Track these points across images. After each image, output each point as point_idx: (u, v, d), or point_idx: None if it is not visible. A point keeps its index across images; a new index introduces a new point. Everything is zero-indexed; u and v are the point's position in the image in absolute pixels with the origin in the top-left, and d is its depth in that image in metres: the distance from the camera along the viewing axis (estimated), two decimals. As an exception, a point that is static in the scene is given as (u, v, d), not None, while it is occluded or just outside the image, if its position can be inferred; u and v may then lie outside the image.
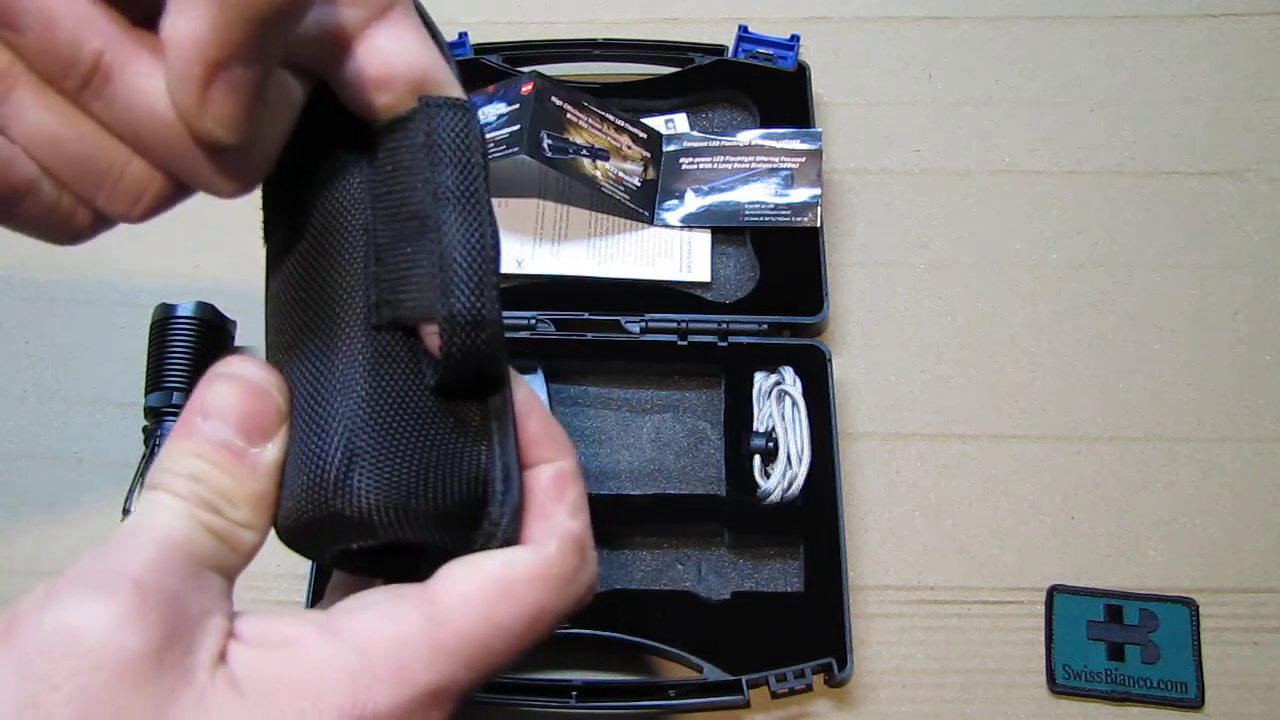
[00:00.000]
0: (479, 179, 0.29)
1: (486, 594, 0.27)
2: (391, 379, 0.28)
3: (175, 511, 0.27)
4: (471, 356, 0.28)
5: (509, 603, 0.27)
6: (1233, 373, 0.62)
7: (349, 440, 0.27)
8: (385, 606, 0.27)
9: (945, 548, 0.58)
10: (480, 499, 0.28)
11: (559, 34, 0.72)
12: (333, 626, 0.26)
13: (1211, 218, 0.67)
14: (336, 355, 0.28)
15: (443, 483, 0.28)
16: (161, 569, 0.26)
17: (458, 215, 0.28)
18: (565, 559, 0.29)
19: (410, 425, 0.28)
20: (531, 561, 0.28)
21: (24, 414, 0.63)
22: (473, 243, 0.28)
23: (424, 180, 0.28)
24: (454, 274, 0.27)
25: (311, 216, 0.30)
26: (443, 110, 0.29)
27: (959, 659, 0.55)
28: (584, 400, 0.62)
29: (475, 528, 0.28)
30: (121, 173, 0.26)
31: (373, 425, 0.27)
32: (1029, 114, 0.71)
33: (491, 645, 0.27)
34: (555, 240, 0.65)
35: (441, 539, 0.28)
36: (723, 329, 0.62)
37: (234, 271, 0.65)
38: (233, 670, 0.25)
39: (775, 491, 0.57)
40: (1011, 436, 0.61)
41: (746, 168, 0.67)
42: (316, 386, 0.28)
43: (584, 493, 0.31)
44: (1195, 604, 0.56)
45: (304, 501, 0.27)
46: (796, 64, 0.70)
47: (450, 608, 0.27)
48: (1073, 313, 0.65)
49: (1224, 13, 0.74)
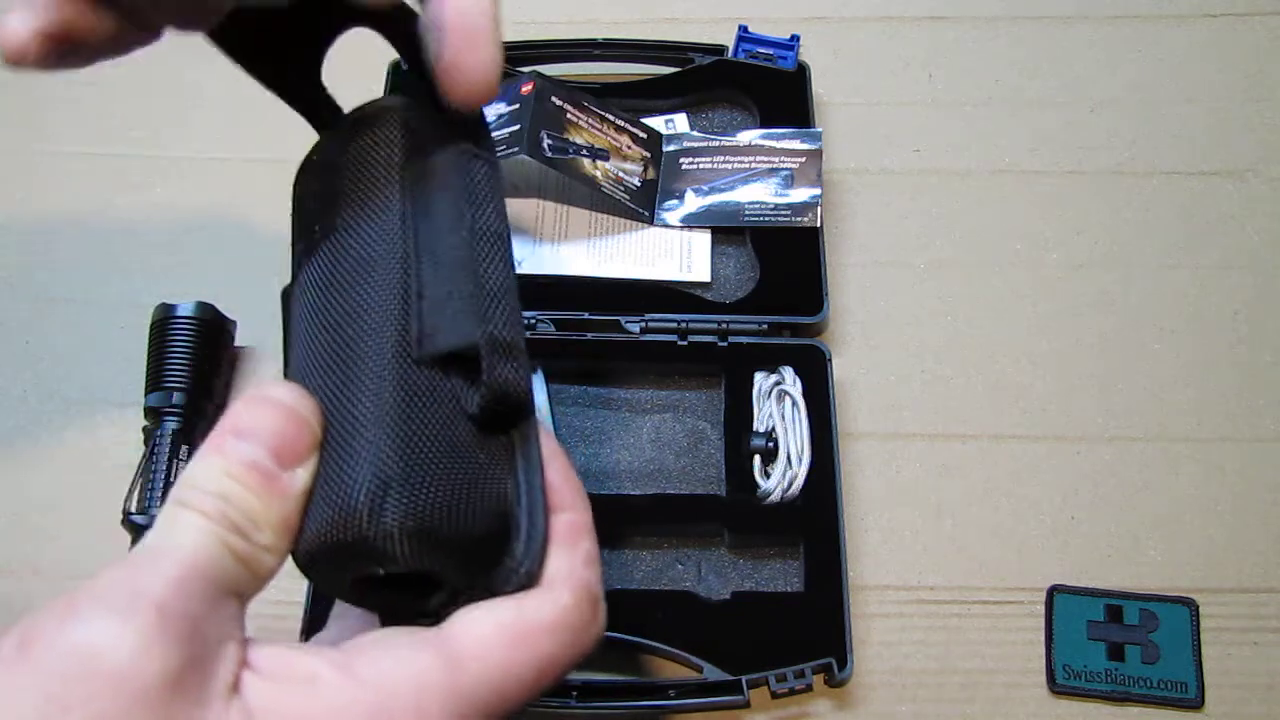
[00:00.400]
0: (505, 217, 0.32)
1: (503, 642, 0.27)
2: (423, 411, 0.28)
3: (202, 532, 0.27)
4: (506, 380, 0.29)
5: (525, 651, 0.28)
6: (1233, 373, 0.63)
7: (380, 468, 0.27)
8: (403, 650, 0.27)
9: (945, 548, 0.58)
10: (504, 534, 0.29)
11: (559, 34, 0.72)
12: (351, 667, 0.26)
13: (1211, 218, 0.67)
14: (366, 384, 0.29)
15: (471, 515, 0.28)
16: (184, 592, 0.25)
17: (494, 252, 0.30)
18: (580, 610, 0.29)
19: (441, 457, 0.28)
20: (548, 611, 0.28)
21: (24, 414, 0.63)
22: (508, 276, 0.30)
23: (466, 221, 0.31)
24: (495, 305, 0.29)
25: (347, 241, 0.31)
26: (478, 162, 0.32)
27: (959, 659, 0.55)
28: (584, 400, 0.62)
29: (497, 563, 0.29)
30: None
31: (404, 455, 0.28)
32: (1029, 114, 0.71)
33: (505, 691, 0.27)
34: (555, 240, 0.65)
35: (463, 571, 0.28)
36: (723, 329, 0.62)
37: (234, 271, 0.65)
38: (247, 702, 0.25)
39: (775, 491, 0.57)
40: (1011, 436, 0.61)
41: (746, 168, 0.67)
42: (345, 414, 0.29)
43: (597, 546, 0.31)
44: (1195, 604, 0.56)
45: (331, 526, 0.27)
46: (796, 64, 0.70)
47: (468, 653, 0.27)
48: (1073, 313, 0.65)
49: (1224, 13, 0.74)
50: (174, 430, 0.58)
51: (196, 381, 0.59)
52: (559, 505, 0.31)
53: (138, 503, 0.57)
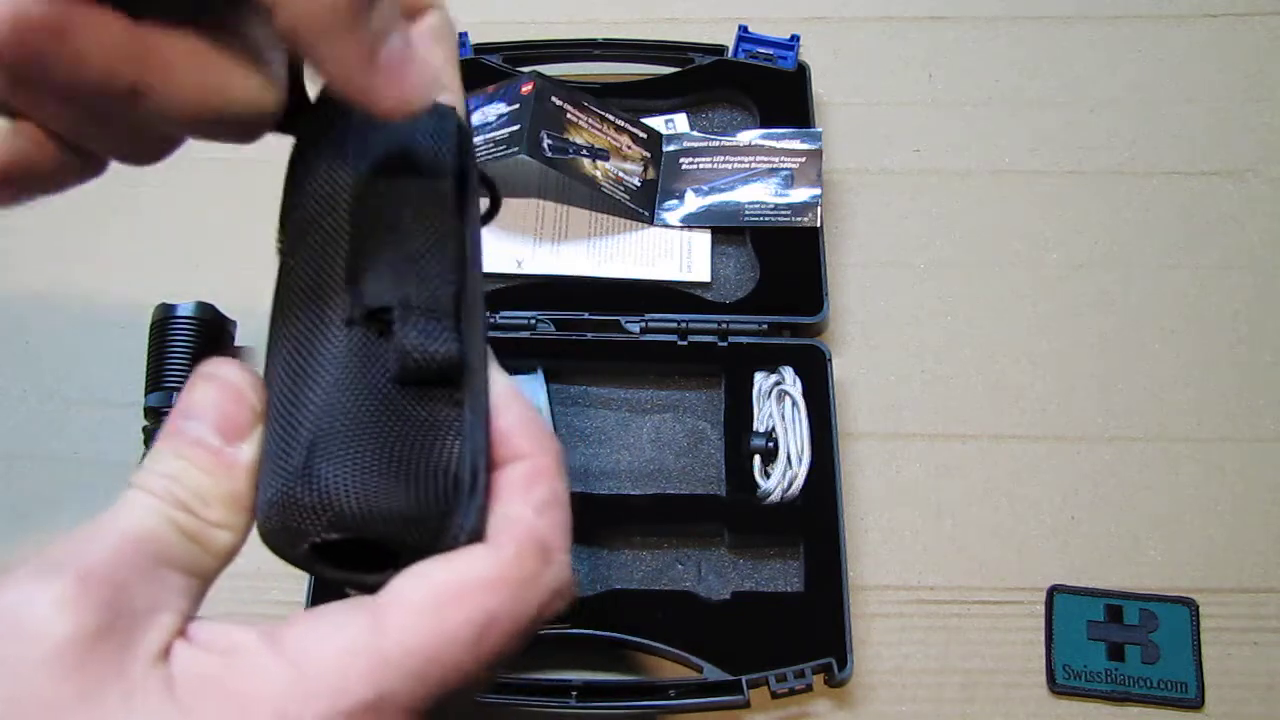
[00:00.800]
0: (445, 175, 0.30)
1: (433, 602, 0.26)
2: (361, 372, 0.28)
3: (145, 508, 0.27)
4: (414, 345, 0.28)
5: (457, 610, 0.26)
6: (1233, 373, 0.62)
7: (315, 429, 0.27)
8: (332, 616, 0.26)
9: (945, 548, 0.58)
10: (449, 497, 0.27)
11: (559, 34, 0.72)
12: (277, 636, 0.26)
13: (1211, 218, 0.67)
14: (314, 352, 0.29)
15: (410, 476, 0.27)
16: (114, 561, 0.26)
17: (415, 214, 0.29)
18: (523, 562, 0.27)
19: (377, 416, 0.28)
20: (484, 565, 0.27)
21: (24, 414, 0.63)
22: (432, 240, 0.29)
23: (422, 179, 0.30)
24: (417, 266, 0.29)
25: (302, 219, 0.31)
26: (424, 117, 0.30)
27: (959, 659, 0.55)
28: (584, 400, 0.62)
29: (443, 529, 0.27)
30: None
31: (339, 415, 0.27)
32: (1029, 114, 0.71)
33: (440, 656, 0.26)
34: (555, 240, 0.65)
35: (410, 537, 0.27)
36: (723, 329, 0.62)
37: (234, 271, 0.65)
38: (171, 670, 0.25)
39: (775, 491, 0.57)
40: (1011, 436, 0.61)
41: (746, 168, 0.67)
42: (294, 383, 0.29)
43: (560, 491, 0.29)
44: (1195, 604, 0.56)
45: (270, 492, 0.27)
46: (796, 64, 0.70)
47: (395, 617, 0.26)
48: (1073, 313, 0.65)
49: (1224, 13, 0.74)
50: (174, 430, 0.58)
51: (196, 381, 0.59)
52: (515, 453, 0.29)
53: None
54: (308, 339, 0.29)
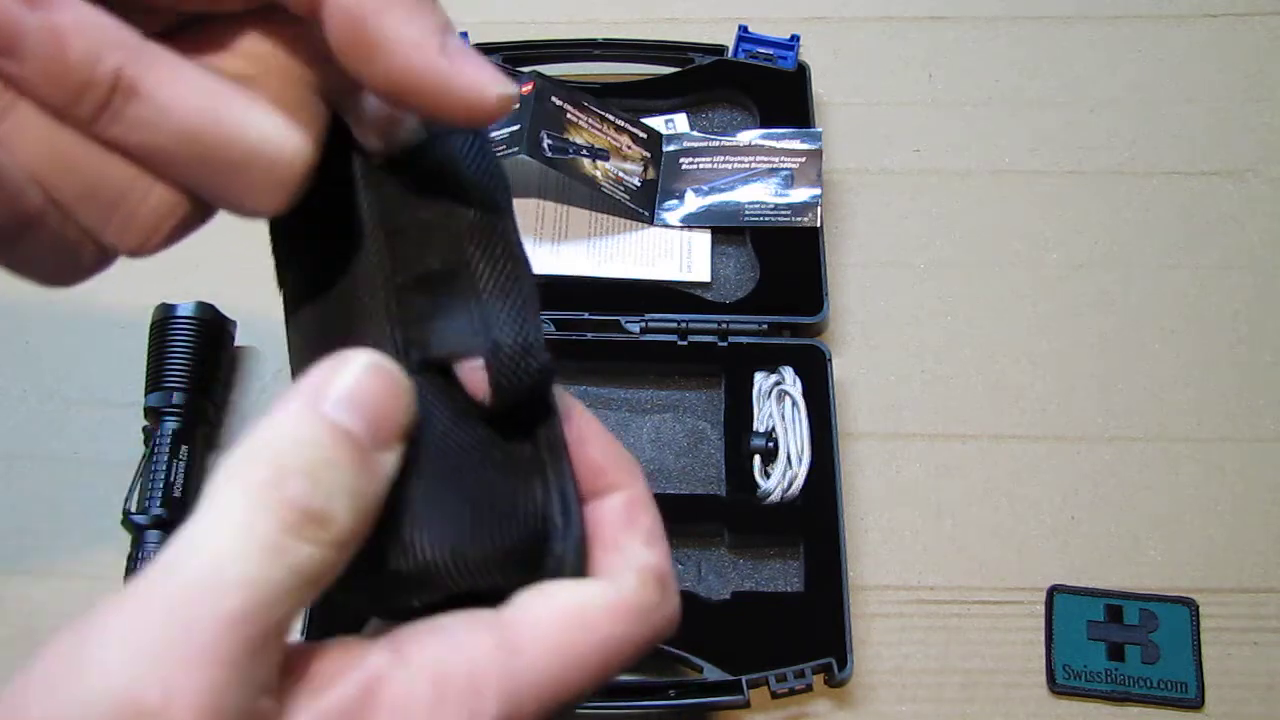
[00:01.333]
0: (502, 203, 0.28)
1: (562, 624, 0.26)
2: (429, 424, 0.26)
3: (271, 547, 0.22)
4: (523, 388, 0.26)
5: (585, 634, 0.26)
6: (1233, 373, 0.63)
7: (395, 493, 0.25)
8: (457, 633, 0.25)
9: (945, 548, 0.58)
10: (541, 535, 0.27)
11: (559, 34, 0.72)
12: (404, 652, 0.24)
13: (1211, 218, 0.67)
14: None
15: (499, 523, 0.26)
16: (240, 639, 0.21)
17: (485, 245, 0.27)
18: (644, 592, 0.27)
19: (457, 469, 0.26)
20: (609, 593, 0.26)
21: (24, 414, 0.63)
22: (506, 271, 0.27)
23: (444, 211, 0.27)
24: (493, 307, 0.26)
25: (328, 263, 0.28)
26: (455, 136, 0.27)
27: (959, 659, 0.55)
28: (584, 400, 0.62)
29: (539, 567, 0.27)
30: (141, 200, 0.24)
31: (418, 474, 0.26)
32: (1029, 114, 0.71)
33: (564, 677, 0.25)
34: (555, 240, 0.65)
35: (505, 582, 0.26)
36: (723, 329, 0.62)
37: (234, 271, 0.65)
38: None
39: (775, 491, 0.57)
40: (1011, 436, 0.61)
41: (746, 168, 0.67)
42: None
43: (658, 519, 0.29)
44: (1195, 604, 0.56)
45: (358, 561, 0.25)
46: (796, 64, 0.70)
47: (524, 636, 0.25)
48: (1073, 313, 0.65)
49: (1224, 13, 0.74)
50: (174, 430, 0.58)
51: (196, 382, 0.59)
52: (609, 484, 0.29)
53: (138, 503, 0.57)
54: None
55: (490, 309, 0.26)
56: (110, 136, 0.23)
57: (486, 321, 0.26)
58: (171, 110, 0.22)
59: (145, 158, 0.23)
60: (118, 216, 0.24)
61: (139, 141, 0.23)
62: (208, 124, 0.23)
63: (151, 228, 0.24)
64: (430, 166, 0.27)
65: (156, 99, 0.22)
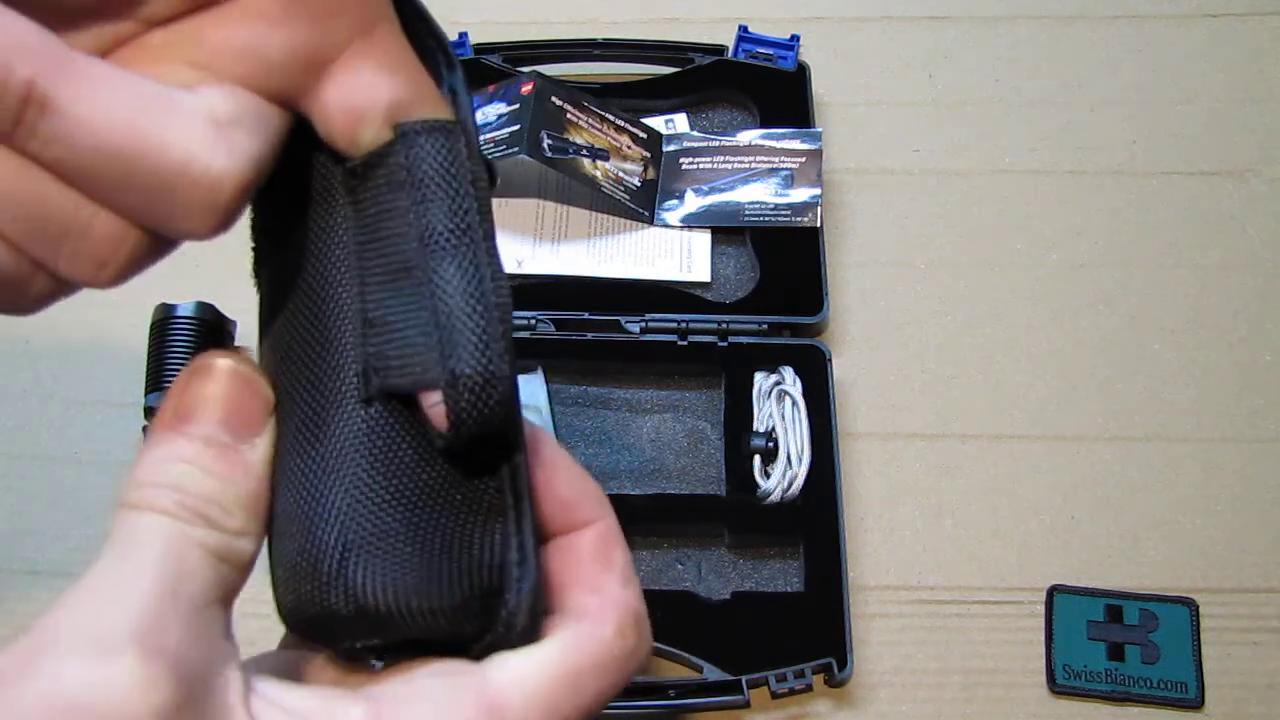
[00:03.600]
0: (471, 212, 0.25)
1: (550, 687, 0.25)
2: (389, 458, 0.25)
3: (164, 535, 0.23)
4: (483, 422, 0.24)
5: (571, 694, 0.25)
6: (1233, 373, 0.62)
7: (344, 529, 0.25)
8: (440, 699, 0.25)
9: (945, 548, 0.58)
10: (495, 588, 0.26)
11: (559, 34, 0.71)
12: (383, 714, 0.24)
13: (1211, 218, 0.67)
14: (329, 431, 0.26)
15: (454, 570, 0.25)
16: (161, 618, 0.22)
17: (451, 258, 0.24)
18: (623, 639, 0.27)
19: (413, 509, 0.25)
20: (592, 648, 0.26)
21: (24, 414, 0.63)
22: (471, 290, 0.24)
23: (409, 224, 0.25)
24: (455, 330, 0.24)
25: (295, 272, 0.27)
26: (421, 137, 0.25)
27: (959, 659, 0.55)
28: (584, 400, 0.62)
29: (491, 618, 0.26)
30: (85, 229, 0.22)
31: (371, 512, 0.25)
32: (1029, 114, 0.71)
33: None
34: (555, 240, 0.65)
35: (456, 631, 0.25)
36: (723, 329, 0.62)
37: (234, 271, 0.65)
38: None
39: (775, 491, 0.57)
40: (1011, 436, 0.61)
41: (746, 168, 0.67)
42: (310, 466, 0.26)
43: (628, 552, 0.29)
44: (1195, 604, 0.56)
45: (305, 595, 0.25)
46: (796, 64, 0.70)
47: (510, 701, 0.25)
48: (1073, 313, 0.65)
49: (1224, 13, 0.74)
50: (174, 430, 0.58)
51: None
52: (579, 518, 0.28)
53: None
54: (318, 423, 0.26)
55: (452, 330, 0.24)
56: (31, 154, 0.21)
57: (446, 346, 0.24)
58: (89, 126, 0.21)
59: (70, 179, 0.22)
60: (66, 247, 0.22)
61: (56, 158, 0.21)
62: (127, 141, 0.21)
63: (102, 259, 0.23)
64: (397, 170, 0.25)
65: (73, 113, 0.21)
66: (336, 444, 0.25)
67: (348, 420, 0.25)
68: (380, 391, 0.25)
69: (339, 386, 0.26)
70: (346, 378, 0.26)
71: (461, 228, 0.25)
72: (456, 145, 0.25)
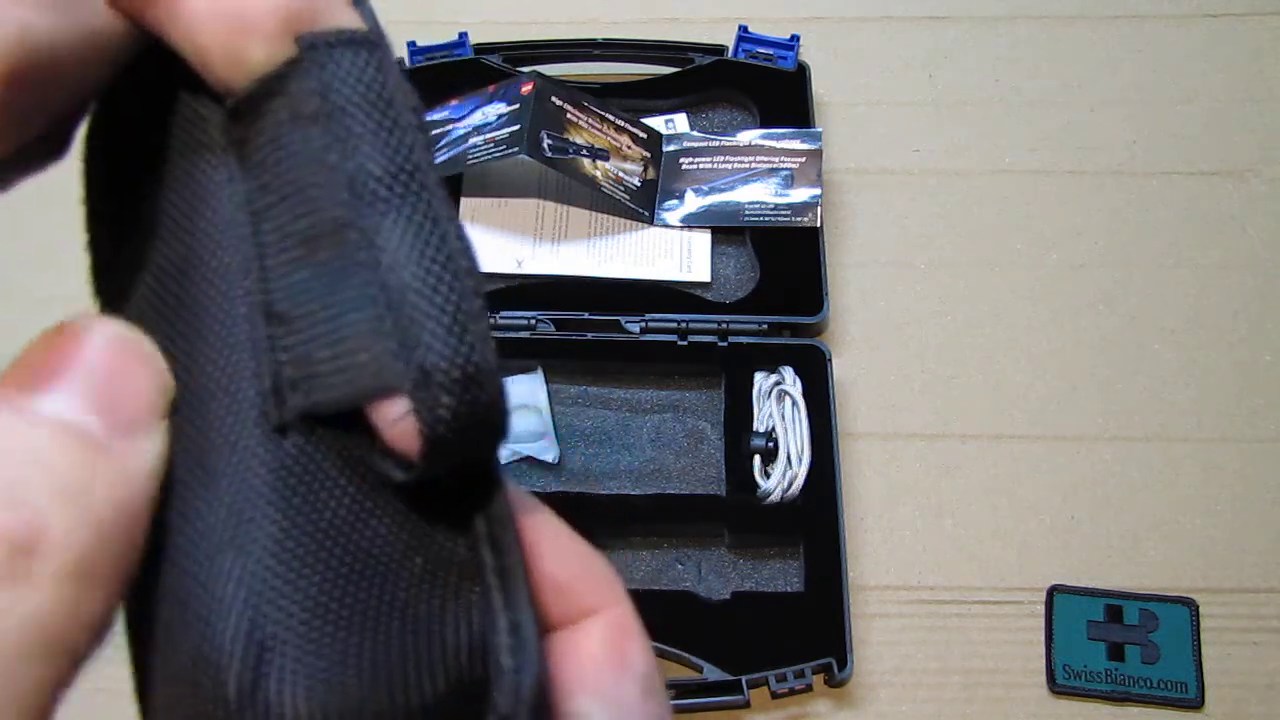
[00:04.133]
0: (418, 148, 0.18)
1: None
2: (314, 509, 0.18)
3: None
4: (472, 435, 0.17)
5: None
6: (1233, 373, 0.63)
7: (256, 618, 0.17)
8: None
9: (945, 548, 0.58)
10: (476, 685, 0.18)
11: (559, 34, 0.72)
12: None
13: (1211, 218, 0.67)
14: (219, 476, 0.18)
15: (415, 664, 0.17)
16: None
17: (397, 213, 0.17)
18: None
19: (352, 580, 0.17)
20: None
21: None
22: (431, 253, 0.17)
23: (327, 171, 0.17)
24: (414, 308, 0.17)
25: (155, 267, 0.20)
26: (336, 51, 0.18)
27: (959, 659, 0.55)
28: (584, 400, 0.62)
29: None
30: None
31: (293, 589, 0.17)
32: (1029, 114, 0.71)
33: None
34: (555, 240, 0.65)
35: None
36: (723, 329, 0.62)
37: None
38: None
39: (775, 491, 0.57)
40: (1011, 436, 0.61)
41: (746, 168, 0.67)
42: (196, 527, 0.17)
43: (650, 649, 0.21)
44: (1195, 604, 0.56)
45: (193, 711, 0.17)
46: (796, 64, 0.70)
47: None
48: (1073, 313, 0.65)
49: (1224, 13, 0.74)
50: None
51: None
52: (583, 605, 0.20)
53: None
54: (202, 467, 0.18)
55: (410, 309, 0.17)
56: None
57: (404, 334, 0.17)
58: None
59: None
60: None
61: None
62: None
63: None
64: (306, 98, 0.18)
65: None
66: (232, 494, 0.18)
67: (248, 459, 0.18)
68: (301, 414, 0.18)
69: (231, 413, 0.18)
70: (241, 399, 0.18)
71: (406, 169, 0.18)
72: (386, 62, 0.18)
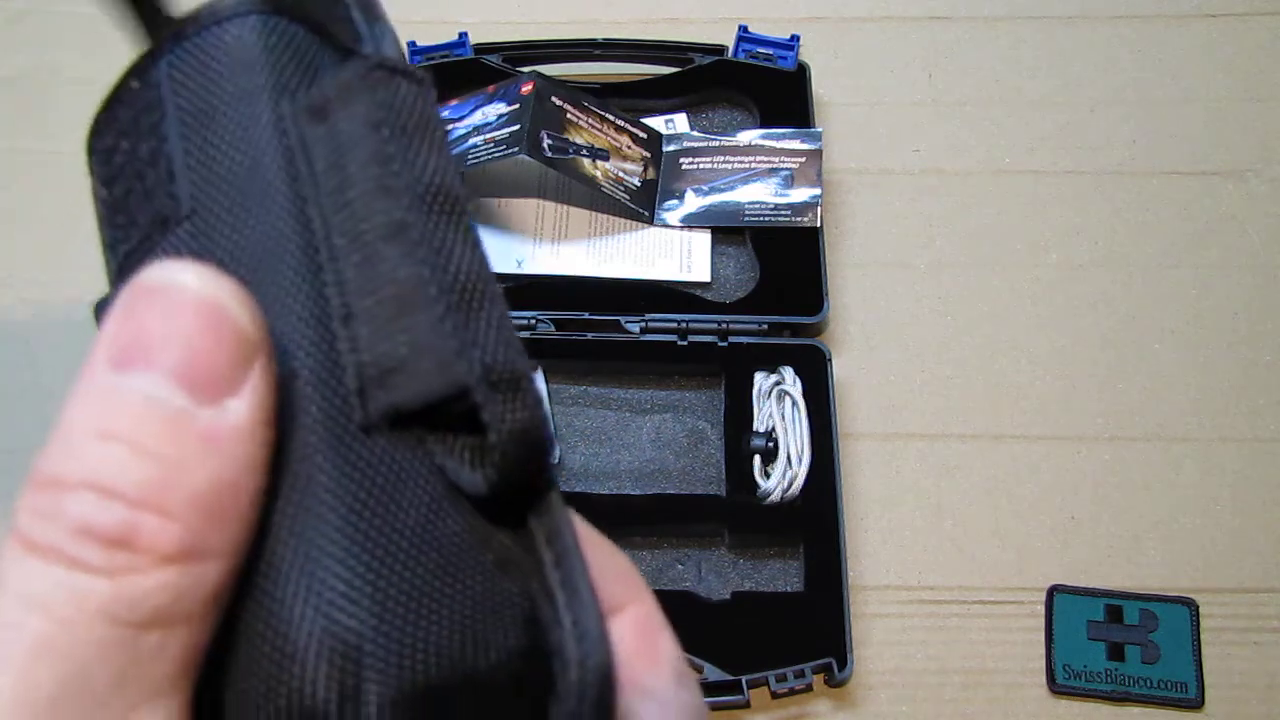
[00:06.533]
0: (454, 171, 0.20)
1: None
2: (389, 508, 0.17)
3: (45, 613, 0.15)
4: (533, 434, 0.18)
5: None
6: (1233, 373, 0.63)
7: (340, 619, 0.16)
8: None
9: (945, 548, 0.58)
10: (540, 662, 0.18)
11: (559, 34, 0.71)
12: None
13: (1211, 218, 0.67)
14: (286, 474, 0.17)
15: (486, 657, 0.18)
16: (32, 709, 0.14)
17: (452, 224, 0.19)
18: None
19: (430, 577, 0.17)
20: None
21: (24, 414, 0.63)
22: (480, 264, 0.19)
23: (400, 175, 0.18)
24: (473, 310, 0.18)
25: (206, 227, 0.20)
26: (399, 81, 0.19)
27: (959, 659, 0.55)
28: (584, 400, 0.62)
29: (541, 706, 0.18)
30: None
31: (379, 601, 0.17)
32: (1029, 114, 0.71)
33: None
34: (555, 240, 0.65)
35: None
36: (723, 329, 0.62)
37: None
38: None
39: (775, 491, 0.57)
40: (1011, 436, 0.61)
41: (746, 168, 0.67)
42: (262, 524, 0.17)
43: (675, 641, 0.23)
44: (1195, 604, 0.56)
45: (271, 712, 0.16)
46: (796, 64, 0.70)
47: None
48: (1073, 313, 0.65)
49: (1224, 13, 0.74)
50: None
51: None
52: (612, 602, 0.21)
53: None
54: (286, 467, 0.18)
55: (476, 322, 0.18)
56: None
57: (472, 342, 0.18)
58: None
59: None
60: None
61: None
62: None
63: None
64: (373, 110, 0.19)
65: None
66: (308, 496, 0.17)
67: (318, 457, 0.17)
68: (385, 412, 0.18)
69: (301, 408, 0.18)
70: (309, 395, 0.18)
71: (453, 183, 0.19)
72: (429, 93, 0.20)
